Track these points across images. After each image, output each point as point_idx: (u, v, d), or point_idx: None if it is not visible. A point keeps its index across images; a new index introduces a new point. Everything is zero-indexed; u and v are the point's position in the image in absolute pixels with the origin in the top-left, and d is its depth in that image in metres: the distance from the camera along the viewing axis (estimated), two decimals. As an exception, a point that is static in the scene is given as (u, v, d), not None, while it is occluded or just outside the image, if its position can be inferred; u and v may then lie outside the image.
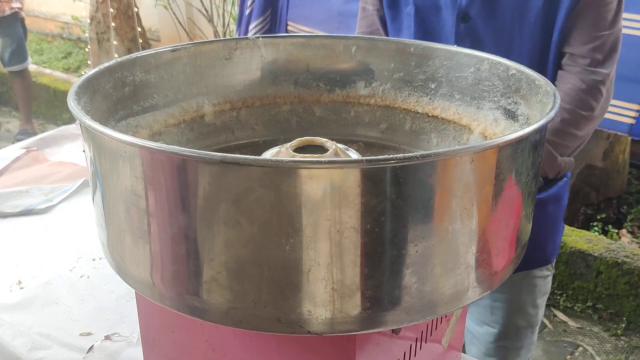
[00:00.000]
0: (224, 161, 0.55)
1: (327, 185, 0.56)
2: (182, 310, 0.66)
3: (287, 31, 3.40)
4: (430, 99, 1.05)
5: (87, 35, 4.60)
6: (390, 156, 0.55)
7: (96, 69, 0.84)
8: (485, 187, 0.62)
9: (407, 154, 0.55)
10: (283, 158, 0.71)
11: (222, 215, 0.58)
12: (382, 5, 1.35)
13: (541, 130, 0.67)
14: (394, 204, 0.58)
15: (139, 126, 0.95)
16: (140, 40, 4.75)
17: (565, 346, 2.39)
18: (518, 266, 0.97)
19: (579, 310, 2.54)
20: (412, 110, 1.07)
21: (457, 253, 0.63)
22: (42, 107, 4.57)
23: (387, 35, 1.37)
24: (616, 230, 2.87)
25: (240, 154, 1.10)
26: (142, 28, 4.74)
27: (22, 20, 3.95)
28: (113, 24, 4.51)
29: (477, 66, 0.96)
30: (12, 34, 3.90)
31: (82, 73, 4.99)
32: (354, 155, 0.91)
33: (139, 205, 0.63)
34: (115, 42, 4.51)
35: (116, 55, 4.51)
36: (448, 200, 0.60)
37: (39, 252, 1.38)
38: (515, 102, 0.90)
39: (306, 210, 0.57)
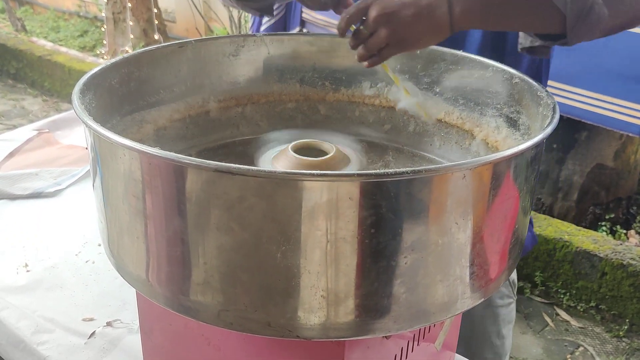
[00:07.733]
0: (218, 170, 0.56)
1: (319, 196, 0.57)
2: (176, 310, 0.67)
3: (302, 18, 3.39)
4: (434, 102, 1.05)
5: (103, 14, 4.62)
6: (382, 171, 0.56)
7: (103, 65, 0.85)
8: (477, 203, 0.62)
9: (398, 170, 0.56)
10: (276, 170, 0.72)
11: (215, 221, 0.60)
12: None
13: (537, 146, 0.67)
14: (384, 217, 0.59)
15: (144, 121, 0.97)
16: (156, 22, 4.75)
17: (566, 345, 2.39)
18: None
19: (582, 310, 2.53)
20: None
21: (447, 265, 0.64)
22: (57, 86, 4.60)
23: None
24: (624, 231, 2.85)
25: (244, 149, 1.11)
26: (158, 9, 4.74)
27: None
28: (129, 4, 4.52)
29: (481, 72, 0.96)
30: None
31: (97, 52, 5.00)
32: (354, 157, 0.92)
33: (137, 206, 0.64)
34: (130, 23, 4.53)
35: (131, 36, 4.53)
36: (438, 215, 0.61)
37: (46, 236, 1.40)
38: (518, 112, 0.90)
39: (297, 220, 0.58)
